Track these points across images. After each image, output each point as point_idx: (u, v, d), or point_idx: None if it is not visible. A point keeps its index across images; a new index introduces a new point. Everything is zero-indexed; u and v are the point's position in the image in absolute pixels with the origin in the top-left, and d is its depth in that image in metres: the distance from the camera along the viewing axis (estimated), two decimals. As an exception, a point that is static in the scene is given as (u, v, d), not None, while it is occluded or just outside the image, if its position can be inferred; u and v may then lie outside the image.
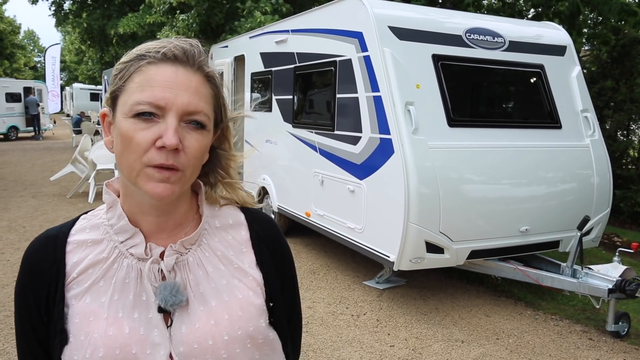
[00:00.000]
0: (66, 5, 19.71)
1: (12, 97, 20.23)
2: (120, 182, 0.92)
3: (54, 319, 0.86)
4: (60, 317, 0.86)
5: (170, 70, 0.83)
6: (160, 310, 0.86)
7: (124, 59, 0.86)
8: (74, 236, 0.91)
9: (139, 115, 0.80)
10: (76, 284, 0.87)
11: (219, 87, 0.90)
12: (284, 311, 0.99)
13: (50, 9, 19.67)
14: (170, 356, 0.85)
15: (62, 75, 55.21)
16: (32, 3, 20.12)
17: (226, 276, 0.92)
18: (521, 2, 10.12)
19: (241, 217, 1.00)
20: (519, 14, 10.00)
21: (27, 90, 20.72)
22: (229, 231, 0.97)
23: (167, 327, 0.87)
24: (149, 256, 0.88)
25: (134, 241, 0.89)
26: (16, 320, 0.91)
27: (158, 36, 13.91)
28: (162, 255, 0.89)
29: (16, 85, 20.83)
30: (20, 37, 46.61)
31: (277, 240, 1.01)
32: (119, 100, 0.84)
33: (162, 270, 0.88)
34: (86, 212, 0.96)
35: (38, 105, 20.62)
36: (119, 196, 0.92)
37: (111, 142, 0.87)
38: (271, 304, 0.95)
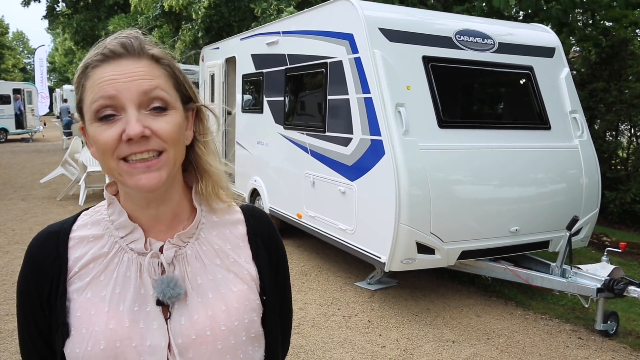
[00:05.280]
0: (59, 8, 19.57)
1: (1, 99, 20.04)
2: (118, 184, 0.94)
3: (56, 312, 0.89)
4: (62, 311, 0.88)
5: (113, 65, 0.84)
6: (159, 303, 0.88)
7: (75, 73, 0.89)
8: (76, 232, 0.94)
9: (101, 118, 0.82)
10: (78, 279, 0.90)
11: (172, 65, 0.90)
12: (276, 305, 1.02)
13: (45, 12, 19.51)
14: (170, 348, 0.88)
15: (52, 77, 54.81)
16: (25, 5, 19.93)
17: (222, 270, 0.95)
18: (513, 9, 10.17)
19: (239, 213, 1.03)
20: (512, 17, 10.05)
21: (17, 92, 20.54)
22: (227, 226, 1.00)
23: (167, 320, 0.89)
24: (148, 250, 0.91)
25: (133, 236, 0.91)
26: (18, 314, 0.94)
27: (149, 38, 13.87)
28: (161, 250, 0.92)
29: (5, 87, 20.64)
30: (9, 37, 46.22)
31: (272, 236, 1.04)
32: (83, 111, 0.87)
33: (161, 263, 0.91)
34: (87, 209, 0.99)
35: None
36: (116, 195, 0.95)
37: (95, 151, 0.89)
38: (264, 297, 0.98)
